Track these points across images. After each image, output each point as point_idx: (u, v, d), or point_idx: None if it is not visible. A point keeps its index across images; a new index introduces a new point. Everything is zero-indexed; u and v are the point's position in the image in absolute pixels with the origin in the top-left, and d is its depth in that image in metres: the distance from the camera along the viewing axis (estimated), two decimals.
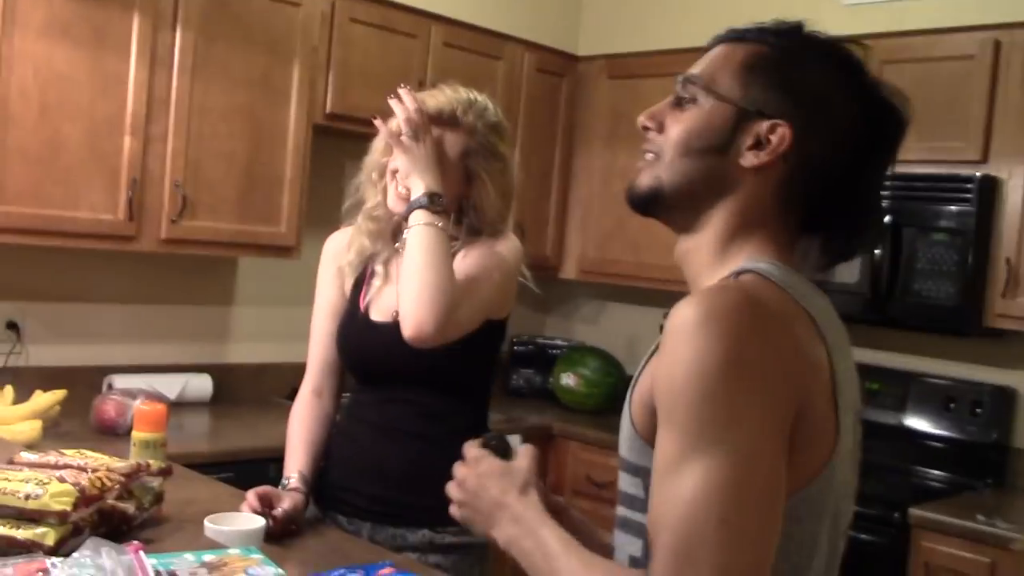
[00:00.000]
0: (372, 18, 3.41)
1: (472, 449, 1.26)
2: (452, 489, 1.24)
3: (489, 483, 1.20)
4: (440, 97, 1.95)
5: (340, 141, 3.37)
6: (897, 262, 3.14)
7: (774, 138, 1.10)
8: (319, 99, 3.30)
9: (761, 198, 1.12)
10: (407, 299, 1.81)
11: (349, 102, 3.32)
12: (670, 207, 1.16)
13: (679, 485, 0.96)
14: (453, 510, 1.24)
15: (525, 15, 3.92)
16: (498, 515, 1.17)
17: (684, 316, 0.99)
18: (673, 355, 0.99)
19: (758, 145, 1.10)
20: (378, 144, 2.00)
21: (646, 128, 1.17)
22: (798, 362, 1.01)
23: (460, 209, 1.97)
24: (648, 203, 1.17)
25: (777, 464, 0.97)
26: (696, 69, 1.16)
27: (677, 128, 1.14)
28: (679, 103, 1.15)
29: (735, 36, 1.16)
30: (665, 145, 1.15)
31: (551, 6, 4.04)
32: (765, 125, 1.10)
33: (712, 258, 1.14)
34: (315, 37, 3.26)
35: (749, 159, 1.11)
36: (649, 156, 1.17)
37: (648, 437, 1.06)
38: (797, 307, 1.06)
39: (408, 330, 1.80)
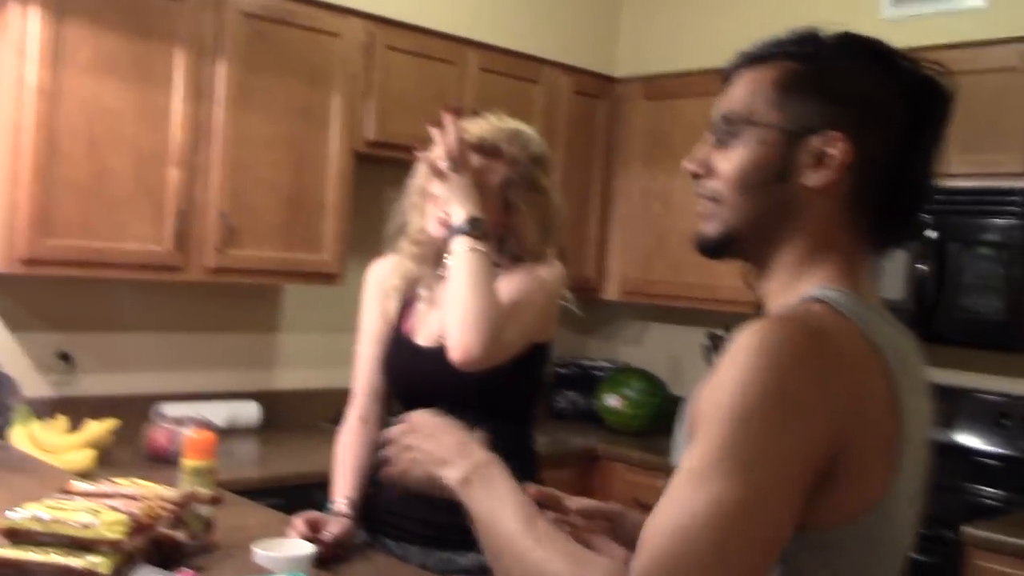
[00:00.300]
0: (410, 46, 3.45)
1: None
2: (397, 429, 1.29)
3: (450, 432, 1.25)
4: (484, 125, 1.97)
5: (381, 168, 3.41)
6: (942, 277, 3.10)
7: (833, 151, 1.06)
8: (359, 127, 3.34)
9: (831, 214, 1.09)
10: (453, 324, 1.82)
11: (389, 129, 3.35)
12: (744, 247, 1.14)
13: (690, 498, 0.96)
14: (390, 449, 1.28)
15: (561, 39, 3.94)
16: (457, 459, 1.21)
17: (743, 340, 0.99)
18: (723, 375, 0.99)
19: (818, 162, 1.07)
20: (421, 168, 2.02)
21: (695, 175, 1.15)
22: (846, 402, 0.99)
23: (500, 237, 1.98)
24: (720, 248, 1.14)
25: (789, 507, 0.97)
26: (728, 104, 1.13)
27: (728, 167, 1.11)
28: (722, 142, 1.13)
29: (755, 58, 1.14)
30: (722, 187, 1.12)
31: (587, 29, 4.06)
32: (819, 140, 1.07)
33: (788, 283, 1.11)
34: (354, 66, 3.30)
35: (814, 179, 1.07)
36: (707, 203, 1.14)
37: None
38: (862, 341, 1.03)
39: (455, 354, 1.81)
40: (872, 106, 1.08)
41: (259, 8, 3.07)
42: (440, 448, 1.23)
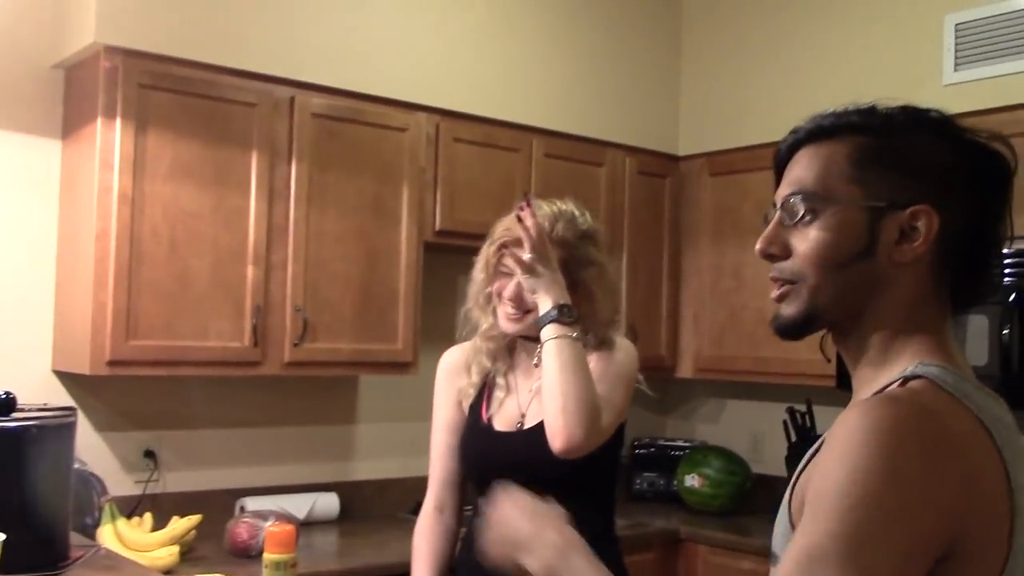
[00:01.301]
0: (475, 136, 3.52)
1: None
2: (486, 507, 1.29)
3: (534, 512, 1.25)
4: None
5: (450, 256, 3.46)
6: None
7: (921, 225, 1.06)
8: (428, 217, 3.41)
9: (918, 287, 1.08)
10: (553, 412, 1.83)
11: (457, 218, 3.41)
12: (826, 324, 1.12)
13: None
14: (476, 529, 1.25)
15: (623, 120, 4.00)
16: (539, 544, 1.21)
17: (853, 425, 0.96)
18: (834, 460, 0.96)
19: (904, 237, 1.06)
20: (478, 275, 2.06)
21: (770, 256, 1.13)
22: (961, 484, 0.96)
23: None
24: (803, 329, 1.12)
25: None
26: (799, 182, 1.12)
27: (809, 247, 1.09)
28: (796, 221, 1.11)
29: (817, 134, 1.13)
30: (801, 267, 1.10)
31: (649, 109, 4.11)
32: (905, 215, 1.06)
33: (880, 361, 1.10)
34: (422, 158, 3.38)
35: (905, 254, 1.07)
36: (783, 284, 1.12)
37: None
38: (970, 418, 1.01)
39: (558, 443, 1.82)
40: (946, 177, 1.08)
41: (328, 109, 3.18)
42: (523, 531, 1.21)
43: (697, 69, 4.17)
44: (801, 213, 1.10)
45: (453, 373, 2.13)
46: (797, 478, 1.08)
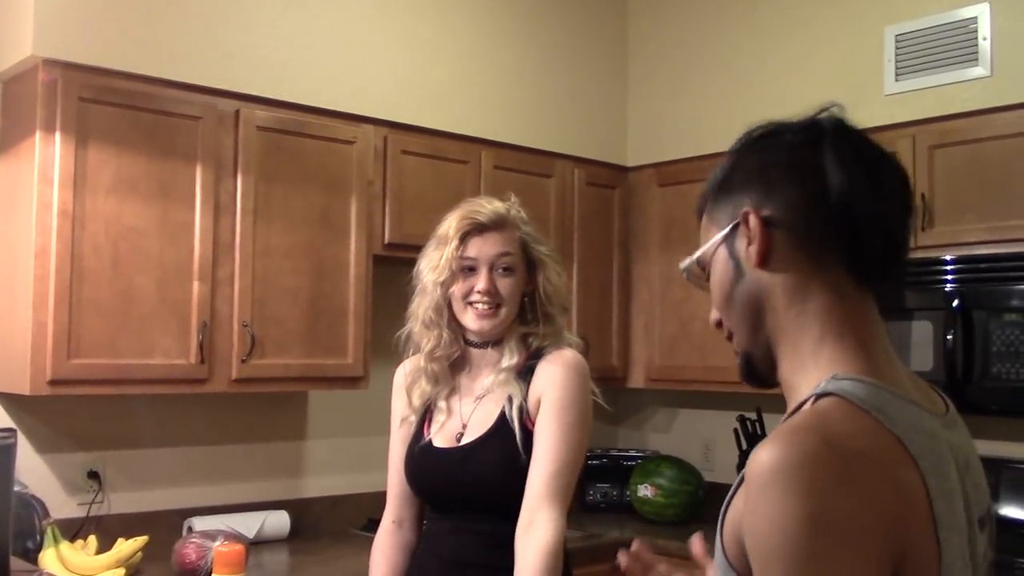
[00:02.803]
0: (423, 148, 3.51)
1: None
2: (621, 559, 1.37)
3: None
4: (484, 205, 2.05)
5: (400, 269, 3.40)
6: (971, 346, 3.07)
7: (750, 225, 1.10)
8: (377, 230, 3.38)
9: (793, 282, 1.09)
10: None
11: (406, 231, 3.39)
12: (761, 355, 1.14)
13: None
14: None
15: (572, 132, 4.01)
16: None
17: (762, 464, 0.95)
18: (756, 509, 0.95)
19: (750, 243, 1.11)
20: (429, 286, 2.05)
21: (718, 323, 1.19)
22: (888, 502, 0.96)
23: (526, 305, 2.04)
24: (751, 373, 1.17)
25: None
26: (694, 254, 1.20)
27: (712, 297, 1.17)
28: (706, 283, 1.18)
29: (705, 201, 1.20)
30: (723, 318, 1.17)
31: (597, 121, 4.13)
32: (742, 225, 1.11)
33: (792, 359, 1.11)
34: (370, 171, 3.36)
35: (752, 257, 1.10)
36: (733, 342, 1.19)
37: (740, 569, 1.02)
38: (885, 434, 1.00)
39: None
40: (764, 171, 1.12)
41: (274, 121, 3.14)
42: None
43: (645, 80, 4.20)
44: (701, 276, 1.19)
45: (403, 389, 2.12)
46: (725, 509, 1.07)
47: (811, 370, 1.08)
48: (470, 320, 2.00)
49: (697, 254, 1.18)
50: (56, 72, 2.76)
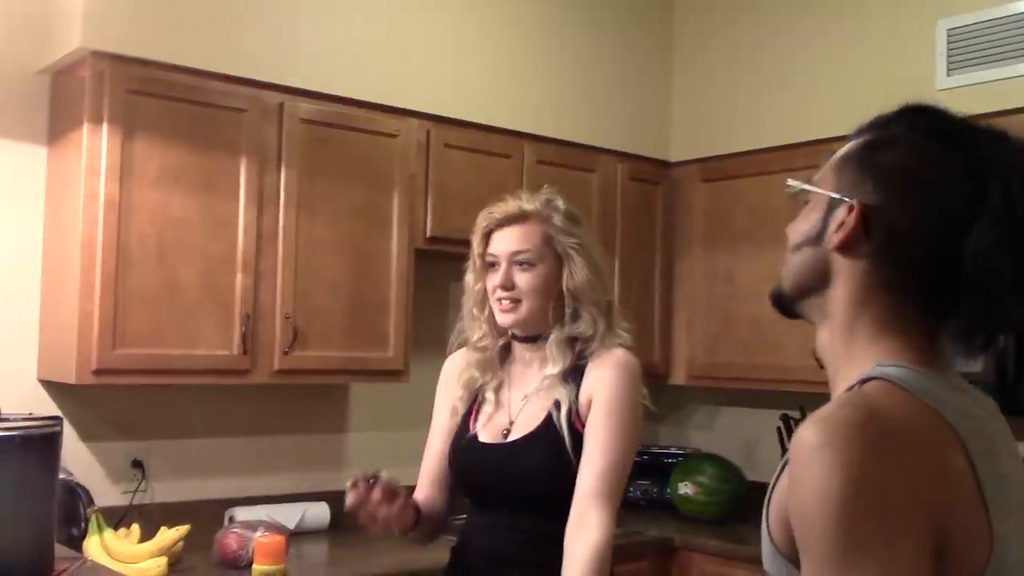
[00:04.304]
0: (466, 142, 3.50)
1: None
2: None
3: None
4: (511, 201, 2.04)
5: (442, 263, 3.44)
6: (1022, 348, 3.01)
7: (848, 217, 1.10)
8: (419, 224, 3.38)
9: (864, 281, 1.09)
10: None
11: (448, 225, 3.39)
12: (792, 303, 1.18)
13: None
14: None
15: (615, 126, 3.98)
16: None
17: (806, 439, 0.96)
18: (799, 481, 0.96)
19: (839, 228, 1.11)
20: (469, 280, 2.07)
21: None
22: (931, 478, 0.96)
23: (563, 304, 2.00)
24: (776, 304, 1.21)
25: None
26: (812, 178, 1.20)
27: (790, 228, 1.19)
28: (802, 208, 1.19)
29: (852, 135, 1.19)
30: (787, 250, 1.19)
31: (641, 115, 4.09)
32: (845, 206, 1.11)
33: (841, 353, 1.12)
34: (412, 165, 3.36)
35: (832, 241, 1.11)
36: None
37: (788, 552, 1.03)
38: (929, 413, 1.01)
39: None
40: (909, 183, 1.08)
41: (317, 114, 3.15)
42: None
43: (689, 74, 4.15)
44: (795, 200, 1.20)
45: (451, 380, 2.12)
46: (770, 494, 1.08)
47: (859, 363, 1.09)
48: (497, 315, 2.02)
49: (806, 187, 1.17)
50: (104, 64, 2.79)
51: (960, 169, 1.07)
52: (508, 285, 1.98)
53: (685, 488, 3.86)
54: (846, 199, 1.10)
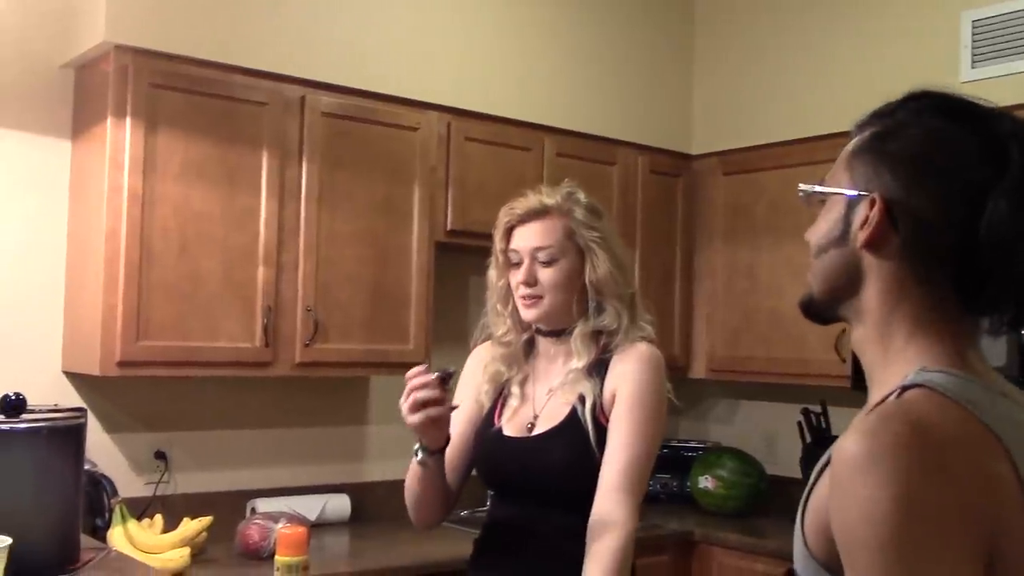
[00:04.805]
0: (486, 135, 3.50)
1: None
2: None
3: None
4: (531, 196, 2.04)
5: (462, 256, 3.44)
6: None
7: (871, 211, 1.07)
8: (440, 217, 3.39)
9: (895, 278, 1.07)
10: None
11: (469, 217, 3.39)
12: (825, 309, 1.16)
13: None
14: None
15: (636, 119, 3.97)
16: None
17: (848, 453, 0.94)
18: (844, 497, 0.95)
19: (864, 223, 1.08)
20: (492, 275, 2.07)
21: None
22: (978, 489, 0.94)
23: (587, 297, 2.00)
24: (805, 308, 1.18)
25: None
26: (820, 178, 1.17)
27: (810, 233, 1.15)
28: (813, 213, 1.16)
29: (854, 130, 1.15)
30: (810, 251, 1.16)
31: (661, 108, 4.08)
32: (866, 200, 1.08)
33: (878, 352, 1.09)
34: (433, 158, 3.36)
35: (859, 239, 1.08)
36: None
37: (823, 559, 1.02)
38: (974, 422, 0.98)
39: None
40: (925, 168, 1.05)
41: (339, 108, 3.16)
42: None
43: (710, 67, 4.14)
44: (809, 204, 1.17)
45: (476, 371, 2.12)
46: (807, 497, 1.06)
47: (898, 364, 1.06)
48: (521, 310, 2.02)
49: (820, 188, 1.15)
50: (127, 58, 2.80)
51: (974, 147, 1.05)
52: (531, 281, 1.98)
53: (705, 482, 3.86)
54: (865, 194, 1.08)
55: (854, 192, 1.09)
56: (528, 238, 2.00)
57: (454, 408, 1.87)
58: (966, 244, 1.03)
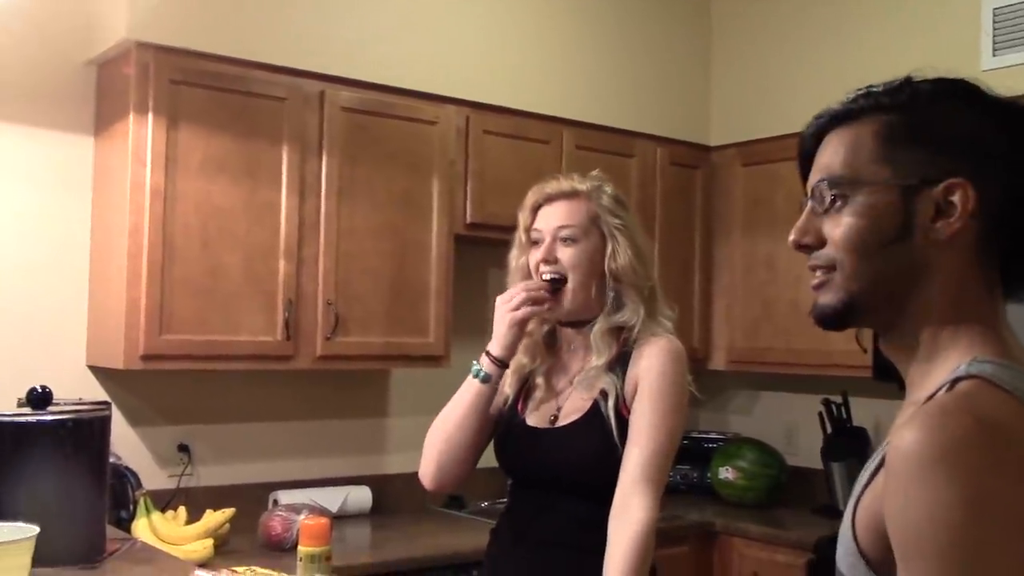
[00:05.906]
0: (504, 128, 3.51)
1: None
2: None
3: None
4: (562, 179, 2.07)
5: (481, 249, 3.45)
6: None
7: (956, 199, 0.99)
8: (459, 210, 3.40)
9: (965, 271, 1.02)
10: None
11: (488, 211, 3.40)
12: (869, 315, 1.06)
13: None
14: None
15: (654, 111, 3.97)
16: None
17: (912, 449, 0.90)
18: (907, 496, 0.90)
19: (941, 214, 1.00)
20: (513, 253, 2.08)
21: (804, 247, 1.08)
22: None
23: (616, 294, 2.00)
24: (843, 319, 1.06)
25: None
26: (828, 168, 1.07)
27: (842, 233, 1.04)
28: (828, 208, 1.06)
29: (844, 116, 1.09)
30: (837, 254, 1.05)
31: (680, 99, 4.07)
32: (939, 190, 1.00)
33: (927, 345, 1.04)
34: (452, 151, 3.37)
35: (941, 232, 1.00)
36: (820, 273, 1.07)
37: (875, 560, 0.98)
38: None
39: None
40: (983, 147, 1.02)
41: (358, 102, 3.18)
42: None
43: (728, 58, 4.13)
44: (830, 199, 1.06)
45: None
46: (861, 494, 1.02)
47: (949, 353, 1.02)
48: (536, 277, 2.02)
49: (839, 172, 1.05)
50: (149, 55, 2.83)
51: (1003, 133, 1.03)
52: (551, 259, 1.99)
53: (725, 473, 3.86)
54: (932, 182, 1.00)
55: (915, 182, 1.01)
56: (553, 217, 2.01)
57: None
58: (1017, 228, 1.02)
